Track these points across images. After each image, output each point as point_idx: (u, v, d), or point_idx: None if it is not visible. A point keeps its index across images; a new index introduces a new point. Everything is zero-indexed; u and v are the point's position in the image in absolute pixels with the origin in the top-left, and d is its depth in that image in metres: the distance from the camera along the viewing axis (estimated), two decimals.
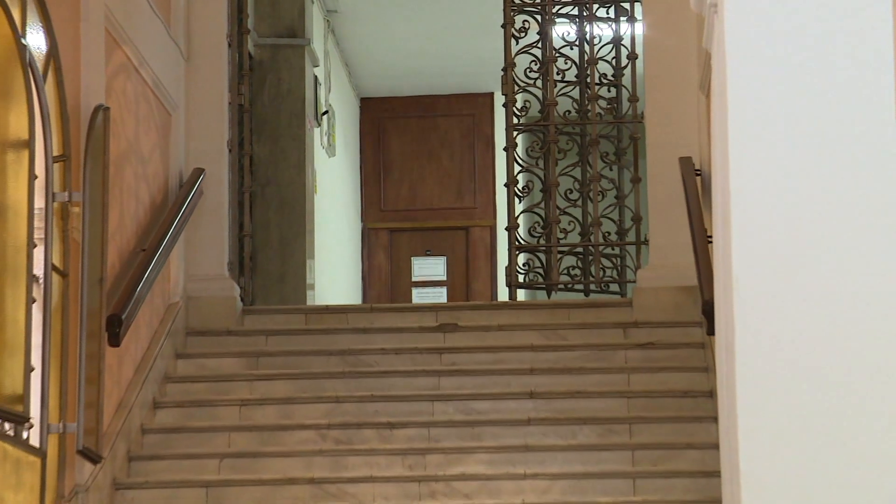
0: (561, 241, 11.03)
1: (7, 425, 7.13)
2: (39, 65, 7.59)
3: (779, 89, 3.44)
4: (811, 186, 3.42)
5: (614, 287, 11.02)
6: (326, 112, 14.34)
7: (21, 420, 7.15)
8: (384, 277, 16.94)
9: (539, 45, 11.14)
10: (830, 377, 3.36)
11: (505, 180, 11.26)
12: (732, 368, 3.44)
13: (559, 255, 11.02)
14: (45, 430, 7.52)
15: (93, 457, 7.86)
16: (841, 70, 3.44)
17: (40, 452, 7.53)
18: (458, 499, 8.20)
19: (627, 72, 10.99)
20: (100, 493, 8.14)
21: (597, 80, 11.01)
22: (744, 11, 3.46)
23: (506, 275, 11.17)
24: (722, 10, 3.49)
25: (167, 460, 8.73)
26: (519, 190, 11.17)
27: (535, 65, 11.12)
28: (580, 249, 11.10)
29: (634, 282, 10.30)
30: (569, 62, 11.14)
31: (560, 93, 11.11)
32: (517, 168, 11.16)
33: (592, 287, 11.00)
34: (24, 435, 7.38)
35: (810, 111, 3.43)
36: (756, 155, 3.44)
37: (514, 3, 11.13)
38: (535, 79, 11.14)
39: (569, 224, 11.11)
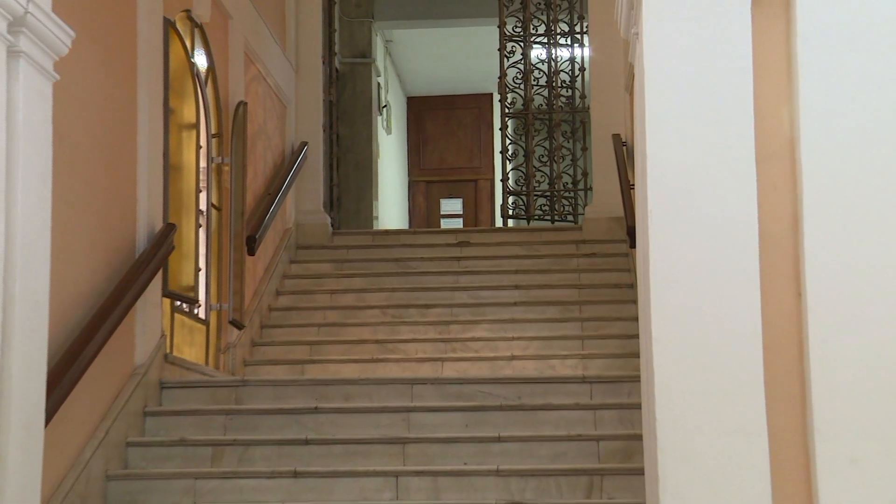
0: (536, 189, 11.02)
1: (185, 305, 7.21)
2: (202, 75, 7.60)
3: (678, 89, 3.42)
4: (697, 151, 3.40)
5: (570, 218, 11.01)
6: (386, 106, 14.30)
7: (192, 301, 7.22)
8: (422, 212, 16.94)
9: (522, 62, 11.08)
10: (711, 269, 3.37)
11: (500, 149, 11.26)
12: (647, 268, 3.44)
13: (535, 197, 11.02)
14: (208, 308, 7.58)
15: (238, 325, 7.93)
16: (719, 75, 3.43)
17: (205, 322, 7.60)
18: (470, 353, 8.21)
19: (579, 79, 10.95)
20: (243, 349, 8.20)
21: (559, 85, 10.97)
22: (656, 38, 3.43)
23: (500, 210, 11.18)
24: (641, 36, 3.47)
25: (285, 327, 8.78)
26: (509, 156, 11.16)
27: (520, 75, 11.07)
28: (548, 193, 11.09)
29: (583, 214, 10.29)
30: (541, 73, 11.08)
31: (535, 93, 11.05)
32: (508, 141, 11.14)
33: (556, 218, 11.00)
34: (195, 311, 7.46)
35: (697, 103, 3.42)
36: (663, 132, 3.42)
37: (505, 34, 11.06)
38: (519, 84, 11.08)
39: (541, 177, 11.09)
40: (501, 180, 11.13)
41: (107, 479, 5.84)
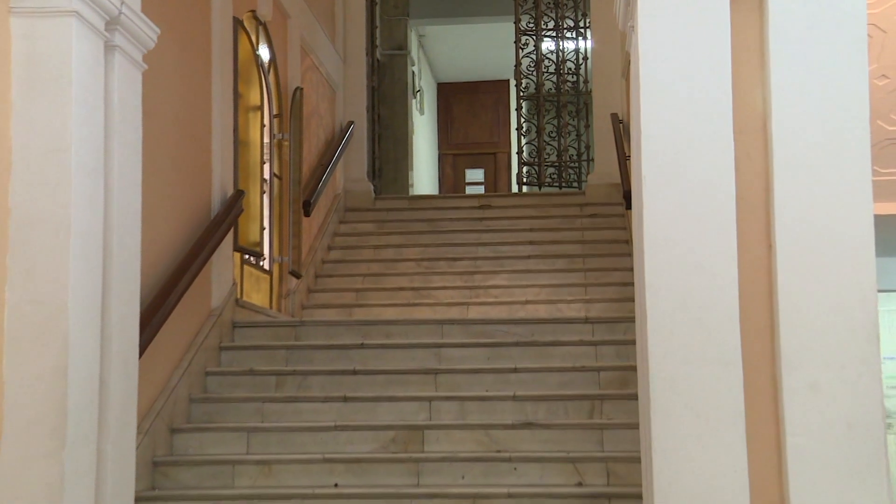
0: (546, 160, 10.98)
1: (252, 258, 7.25)
2: (265, 65, 7.60)
3: (667, 73, 3.42)
4: (684, 126, 3.40)
5: (575, 184, 10.97)
6: (419, 91, 14.25)
7: (258, 255, 7.26)
8: (450, 180, 16.91)
9: (534, 53, 11.01)
10: (696, 226, 3.37)
11: (515, 127, 11.20)
12: (641, 225, 3.45)
13: (545, 167, 10.98)
14: (271, 260, 7.63)
15: (297, 275, 7.97)
16: (702, 61, 3.42)
17: (269, 272, 7.64)
18: (491, 298, 8.22)
19: (583, 67, 10.88)
20: (301, 294, 8.25)
21: (566, 72, 10.91)
22: (649, 30, 3.43)
23: (516, 178, 11.15)
24: (637, 29, 3.46)
25: (336, 277, 8.79)
26: (523, 132, 11.11)
27: (532, 63, 11.00)
28: (557, 164, 11.05)
29: (586, 181, 10.24)
30: (550, 62, 11.02)
31: (545, 79, 10.99)
32: (522, 120, 11.09)
33: (563, 184, 10.96)
34: (261, 263, 7.50)
35: (683, 85, 3.41)
36: (654, 110, 3.42)
37: (520, 29, 10.99)
38: (532, 71, 11.01)
39: (550, 150, 11.05)
40: (517, 153, 11.10)
41: (190, 402, 5.93)
